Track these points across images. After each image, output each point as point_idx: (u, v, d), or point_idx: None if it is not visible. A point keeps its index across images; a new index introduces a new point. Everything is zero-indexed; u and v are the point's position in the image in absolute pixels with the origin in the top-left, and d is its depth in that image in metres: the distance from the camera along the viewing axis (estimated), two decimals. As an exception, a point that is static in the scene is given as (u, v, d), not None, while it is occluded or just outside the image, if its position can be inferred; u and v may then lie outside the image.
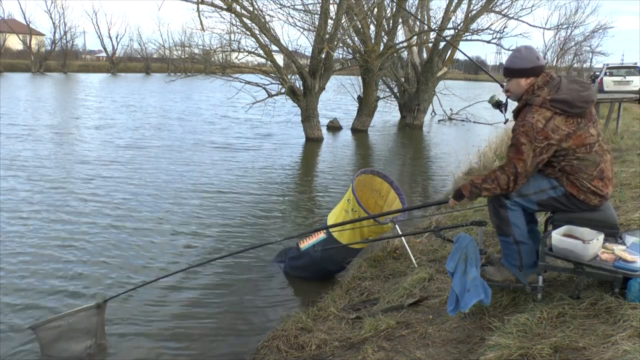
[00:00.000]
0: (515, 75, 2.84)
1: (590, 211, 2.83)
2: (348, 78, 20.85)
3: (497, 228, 2.94)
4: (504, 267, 3.00)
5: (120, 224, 6.21)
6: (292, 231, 6.25)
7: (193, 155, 11.08)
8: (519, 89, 2.85)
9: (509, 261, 2.97)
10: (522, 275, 2.92)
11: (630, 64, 20.36)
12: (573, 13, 34.35)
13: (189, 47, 17.23)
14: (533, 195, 2.84)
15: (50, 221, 6.21)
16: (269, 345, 3.37)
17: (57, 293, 4.40)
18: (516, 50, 2.92)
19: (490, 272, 3.02)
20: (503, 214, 2.88)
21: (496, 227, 2.96)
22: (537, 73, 2.81)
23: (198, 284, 4.68)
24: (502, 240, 2.96)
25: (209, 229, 6.21)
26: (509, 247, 2.94)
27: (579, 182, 2.78)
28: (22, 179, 8.17)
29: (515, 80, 2.85)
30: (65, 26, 55.61)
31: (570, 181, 2.79)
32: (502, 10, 17.81)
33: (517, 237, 2.89)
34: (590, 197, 2.80)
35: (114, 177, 8.62)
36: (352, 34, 16.55)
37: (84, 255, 5.22)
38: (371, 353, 2.82)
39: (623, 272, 2.56)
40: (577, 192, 2.81)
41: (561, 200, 2.84)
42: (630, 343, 2.14)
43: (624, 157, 6.64)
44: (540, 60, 2.84)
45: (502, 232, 2.93)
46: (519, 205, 2.86)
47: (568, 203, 2.84)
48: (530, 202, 2.86)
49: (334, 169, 10.51)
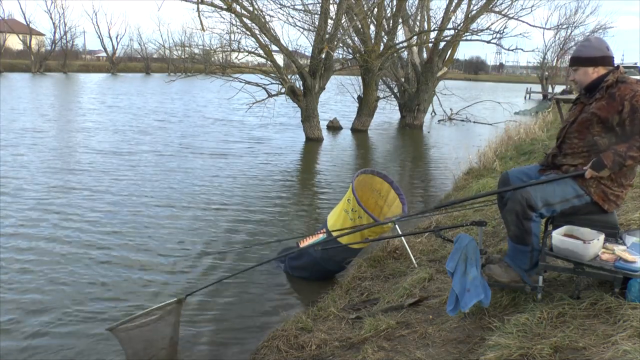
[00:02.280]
0: (584, 64, 2.79)
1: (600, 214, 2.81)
2: (348, 78, 20.86)
3: (516, 237, 2.84)
4: (510, 268, 2.93)
5: (135, 218, 6.22)
6: (292, 231, 6.26)
7: (191, 155, 11.08)
8: (586, 79, 2.80)
9: (516, 263, 2.91)
10: (527, 276, 2.89)
11: (630, 64, 20.36)
12: (573, 13, 34.51)
13: (189, 47, 17.23)
14: (558, 204, 2.79)
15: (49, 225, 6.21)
16: (269, 345, 3.37)
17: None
18: (585, 39, 2.89)
19: (497, 273, 2.94)
20: (527, 225, 2.78)
21: (514, 236, 2.84)
22: (606, 63, 2.76)
23: (198, 283, 4.67)
24: (518, 248, 2.87)
25: (207, 228, 6.21)
26: (523, 254, 2.86)
27: (610, 190, 2.74)
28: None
29: (583, 70, 2.80)
30: (65, 26, 55.74)
31: (600, 189, 2.75)
32: (502, 10, 17.83)
33: (535, 246, 2.84)
34: (612, 206, 2.78)
35: (118, 173, 8.64)
36: (352, 34, 16.55)
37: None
38: (371, 353, 2.82)
39: (623, 272, 2.56)
40: (602, 202, 2.77)
41: (582, 208, 2.81)
42: (630, 343, 2.13)
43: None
44: (610, 51, 2.79)
45: (520, 242, 2.84)
46: (543, 216, 2.81)
47: (586, 210, 2.81)
48: (553, 212, 2.82)
49: (333, 169, 10.51)
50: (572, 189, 2.78)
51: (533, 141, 9.80)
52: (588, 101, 2.82)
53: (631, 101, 2.62)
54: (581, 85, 2.83)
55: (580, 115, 2.81)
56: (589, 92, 2.84)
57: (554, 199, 2.77)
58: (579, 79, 2.84)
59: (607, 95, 2.72)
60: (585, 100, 2.85)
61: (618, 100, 2.66)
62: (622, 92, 2.67)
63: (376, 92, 17.58)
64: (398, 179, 9.03)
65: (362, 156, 12.75)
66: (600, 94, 2.75)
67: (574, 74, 2.84)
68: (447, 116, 20.93)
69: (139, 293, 4.44)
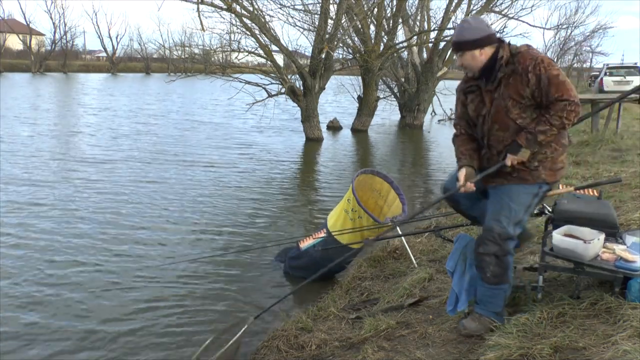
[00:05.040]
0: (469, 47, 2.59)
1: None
2: (348, 78, 20.85)
3: (495, 278, 2.61)
4: (483, 317, 2.73)
5: (135, 218, 6.22)
6: (292, 231, 6.25)
7: (190, 155, 11.08)
8: (475, 62, 2.60)
9: (490, 309, 2.71)
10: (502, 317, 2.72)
11: (630, 64, 20.37)
12: (573, 13, 34.48)
13: (189, 47, 17.26)
14: (525, 215, 2.65)
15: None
16: (269, 345, 3.36)
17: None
18: (463, 21, 2.72)
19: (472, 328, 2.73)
20: (507, 262, 2.60)
21: (494, 277, 2.61)
22: (491, 42, 2.57)
23: (197, 283, 4.67)
24: (496, 290, 2.66)
25: (208, 229, 6.21)
26: (499, 295, 2.67)
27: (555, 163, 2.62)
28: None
29: (470, 53, 2.60)
30: (65, 26, 55.81)
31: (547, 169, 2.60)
32: (502, 10, 17.83)
33: (510, 281, 2.66)
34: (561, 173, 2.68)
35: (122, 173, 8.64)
36: (352, 34, 16.55)
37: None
38: (371, 353, 2.82)
39: (623, 272, 2.56)
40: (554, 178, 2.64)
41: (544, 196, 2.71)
42: (630, 343, 2.14)
43: (624, 157, 6.64)
44: (491, 28, 2.63)
45: (500, 281, 2.63)
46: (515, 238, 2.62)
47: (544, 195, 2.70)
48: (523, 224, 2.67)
49: (334, 169, 10.51)
50: (526, 193, 2.62)
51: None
52: (491, 87, 2.62)
53: (534, 71, 2.48)
54: (472, 69, 2.64)
55: (492, 108, 2.62)
56: (485, 76, 2.63)
57: (520, 214, 2.61)
58: (467, 63, 2.62)
59: (510, 72, 2.55)
60: (488, 87, 2.64)
61: (522, 72, 2.51)
62: (522, 63, 2.51)
63: (376, 92, 17.58)
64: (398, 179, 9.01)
65: (362, 156, 12.75)
66: (503, 72, 2.56)
67: (460, 59, 2.63)
68: (447, 116, 20.91)
69: (141, 294, 4.44)
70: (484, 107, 2.67)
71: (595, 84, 18.01)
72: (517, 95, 2.53)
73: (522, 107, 2.55)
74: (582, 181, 5.39)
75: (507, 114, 2.57)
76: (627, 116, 12.19)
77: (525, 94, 2.52)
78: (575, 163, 6.65)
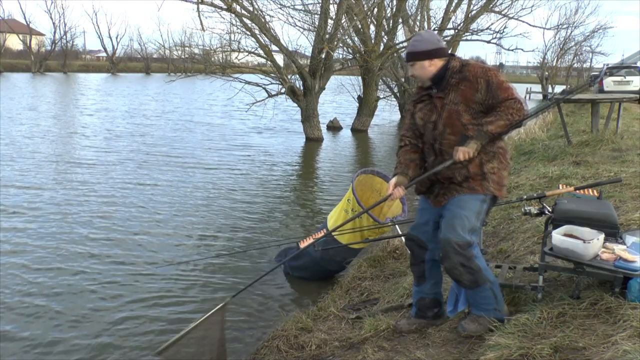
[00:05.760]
0: (420, 58, 2.71)
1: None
2: (348, 78, 20.86)
3: (472, 283, 2.68)
4: (482, 317, 2.77)
5: (134, 218, 6.22)
6: (292, 231, 6.26)
7: (191, 155, 11.08)
8: (424, 72, 2.72)
9: (484, 308, 2.76)
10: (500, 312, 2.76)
11: (630, 64, 20.33)
12: (573, 13, 34.54)
13: (189, 47, 17.25)
14: (478, 222, 2.71)
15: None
16: (269, 345, 3.36)
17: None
18: (417, 34, 2.83)
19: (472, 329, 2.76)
20: (475, 265, 2.65)
21: (470, 283, 2.68)
22: (441, 55, 2.71)
23: (197, 283, 4.67)
24: (479, 291, 2.71)
25: (208, 228, 6.21)
26: (485, 294, 2.73)
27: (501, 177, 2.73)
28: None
29: (420, 64, 2.72)
30: (65, 26, 55.98)
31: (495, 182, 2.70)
32: (502, 10, 17.86)
33: (490, 279, 2.73)
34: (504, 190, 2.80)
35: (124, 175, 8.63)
36: (352, 34, 16.55)
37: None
38: (371, 353, 2.82)
39: (623, 271, 2.56)
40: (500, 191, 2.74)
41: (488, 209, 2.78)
42: (630, 343, 2.13)
43: (624, 157, 6.63)
44: (442, 42, 2.79)
45: (478, 284, 2.68)
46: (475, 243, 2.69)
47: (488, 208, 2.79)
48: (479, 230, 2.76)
49: (334, 169, 10.51)
50: (475, 199, 2.69)
51: (533, 141, 9.78)
52: (442, 93, 2.71)
53: (484, 77, 2.62)
54: (421, 79, 2.76)
55: (443, 112, 2.69)
56: (436, 85, 2.74)
57: (473, 221, 2.66)
58: (417, 73, 2.75)
59: (460, 78, 2.67)
60: (439, 94, 2.72)
61: (472, 79, 2.64)
62: (472, 71, 2.65)
63: (376, 92, 17.58)
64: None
65: (362, 156, 12.75)
66: (455, 79, 2.68)
67: (411, 69, 2.76)
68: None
69: (145, 294, 4.44)
70: (434, 113, 2.75)
71: (595, 84, 18.01)
72: (468, 101, 2.65)
73: (472, 113, 2.66)
74: (582, 181, 5.38)
75: (459, 118, 2.67)
76: (627, 116, 12.18)
77: (476, 99, 2.64)
78: (575, 163, 6.64)
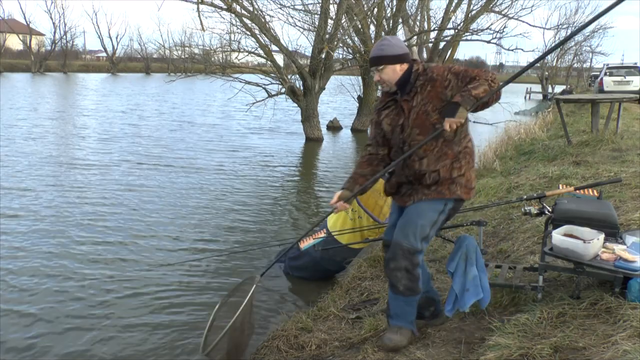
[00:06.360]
0: (391, 62, 2.71)
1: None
2: (348, 78, 20.84)
3: (408, 290, 2.70)
4: (403, 328, 2.80)
5: (133, 218, 6.23)
6: (292, 231, 6.25)
7: (191, 155, 11.08)
8: (394, 76, 2.72)
9: (406, 319, 2.80)
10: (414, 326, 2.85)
11: (630, 64, 20.36)
12: (573, 13, 34.51)
13: (189, 47, 17.23)
14: (432, 230, 2.73)
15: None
16: (269, 345, 3.37)
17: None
18: (383, 39, 2.82)
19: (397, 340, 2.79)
20: (417, 273, 2.68)
21: (406, 290, 2.70)
22: (409, 59, 2.74)
23: (197, 283, 4.67)
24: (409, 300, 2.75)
25: (208, 228, 6.21)
26: (413, 304, 2.78)
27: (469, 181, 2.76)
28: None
29: (391, 67, 2.71)
30: (65, 26, 56.01)
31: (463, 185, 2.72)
32: (502, 10, 17.85)
33: (422, 288, 2.77)
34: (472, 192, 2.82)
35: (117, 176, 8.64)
36: (352, 34, 16.55)
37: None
38: (371, 353, 2.82)
39: (623, 271, 2.56)
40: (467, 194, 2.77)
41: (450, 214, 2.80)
42: (630, 343, 2.14)
43: (624, 157, 6.63)
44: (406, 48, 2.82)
45: (413, 292, 2.72)
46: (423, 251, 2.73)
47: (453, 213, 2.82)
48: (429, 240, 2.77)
49: (334, 169, 10.51)
50: (433, 210, 2.70)
51: (533, 141, 9.79)
52: (409, 96, 2.71)
53: (451, 72, 2.66)
54: (389, 84, 2.74)
55: (411, 114, 2.69)
56: (401, 89, 2.74)
57: (427, 230, 2.68)
58: (387, 77, 2.73)
59: (426, 80, 2.68)
60: (405, 97, 2.73)
61: (439, 78, 2.66)
62: (437, 71, 2.69)
63: (376, 92, 17.56)
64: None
65: (362, 156, 12.72)
66: (421, 81, 2.69)
67: (379, 73, 2.73)
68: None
69: (146, 298, 4.44)
70: (402, 116, 2.75)
71: (595, 83, 18.00)
72: (437, 100, 2.65)
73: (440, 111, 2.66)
74: (582, 181, 5.38)
75: (428, 118, 2.67)
76: (627, 116, 12.18)
77: (444, 97, 2.64)
78: (575, 163, 6.64)
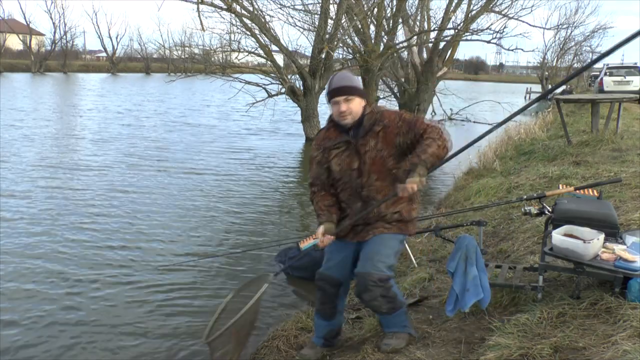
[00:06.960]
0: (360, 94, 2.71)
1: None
2: (348, 78, 20.82)
3: (391, 309, 2.76)
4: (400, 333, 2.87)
5: (133, 217, 6.22)
6: (292, 231, 6.25)
7: (191, 154, 11.08)
8: (359, 109, 2.70)
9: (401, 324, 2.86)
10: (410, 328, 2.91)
11: (630, 64, 20.36)
12: (573, 13, 34.56)
13: (189, 47, 17.23)
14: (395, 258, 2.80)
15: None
16: (269, 345, 3.37)
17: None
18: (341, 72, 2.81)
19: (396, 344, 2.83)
20: (392, 293, 2.74)
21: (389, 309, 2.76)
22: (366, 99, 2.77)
23: (197, 283, 4.67)
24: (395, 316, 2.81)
25: (207, 230, 6.21)
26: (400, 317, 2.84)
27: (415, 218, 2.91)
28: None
29: (358, 100, 2.69)
30: (65, 26, 56.00)
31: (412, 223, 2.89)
32: (502, 10, 17.81)
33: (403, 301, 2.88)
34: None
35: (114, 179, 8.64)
36: (352, 34, 16.53)
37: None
38: (371, 353, 2.82)
39: (623, 271, 2.56)
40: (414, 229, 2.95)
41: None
42: (630, 343, 2.14)
43: (624, 157, 6.63)
44: None
45: (395, 309, 2.79)
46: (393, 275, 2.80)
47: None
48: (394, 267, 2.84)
49: (334, 169, 10.49)
50: (395, 239, 2.80)
51: (533, 141, 9.79)
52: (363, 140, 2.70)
53: (402, 119, 2.68)
54: (354, 116, 2.68)
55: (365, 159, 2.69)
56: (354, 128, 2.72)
57: (392, 259, 2.75)
58: (356, 109, 2.68)
59: (379, 126, 2.68)
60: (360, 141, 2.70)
61: (392, 124, 2.67)
62: (388, 118, 2.70)
63: (376, 92, 17.55)
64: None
65: (362, 156, 12.71)
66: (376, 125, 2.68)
67: (347, 104, 2.65)
68: (447, 116, 20.90)
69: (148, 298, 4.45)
70: (356, 160, 2.73)
71: (595, 83, 18.01)
72: (391, 146, 2.68)
73: (396, 157, 2.69)
74: (582, 181, 5.38)
75: (384, 164, 2.70)
76: (627, 116, 12.17)
77: (397, 142, 2.67)
78: (575, 163, 6.64)
